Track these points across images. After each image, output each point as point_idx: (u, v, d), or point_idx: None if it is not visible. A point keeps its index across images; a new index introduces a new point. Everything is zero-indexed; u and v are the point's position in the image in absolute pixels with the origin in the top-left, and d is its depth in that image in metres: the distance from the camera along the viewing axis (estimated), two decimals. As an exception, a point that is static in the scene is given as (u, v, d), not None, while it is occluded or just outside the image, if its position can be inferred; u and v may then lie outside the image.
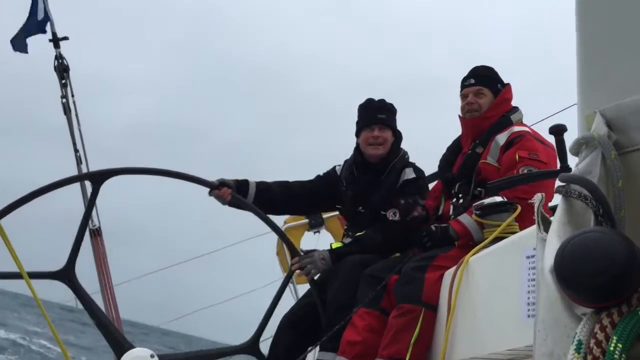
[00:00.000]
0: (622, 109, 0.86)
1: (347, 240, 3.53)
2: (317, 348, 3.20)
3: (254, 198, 3.55)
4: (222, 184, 3.46)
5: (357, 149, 3.66)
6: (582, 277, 0.71)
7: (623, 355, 0.66)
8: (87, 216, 3.24)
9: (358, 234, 3.47)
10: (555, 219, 0.85)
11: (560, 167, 2.38)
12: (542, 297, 0.80)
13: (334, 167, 3.79)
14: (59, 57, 4.80)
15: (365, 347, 2.93)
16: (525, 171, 2.88)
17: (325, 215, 5.27)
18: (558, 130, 2.58)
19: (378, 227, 3.42)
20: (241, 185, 3.55)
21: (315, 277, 3.47)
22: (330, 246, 3.49)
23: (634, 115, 0.84)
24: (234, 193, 3.45)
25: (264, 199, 3.58)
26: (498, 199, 2.77)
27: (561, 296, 0.76)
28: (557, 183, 0.92)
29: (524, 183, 2.83)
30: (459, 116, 3.32)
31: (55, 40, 4.83)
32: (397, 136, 3.65)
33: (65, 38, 4.88)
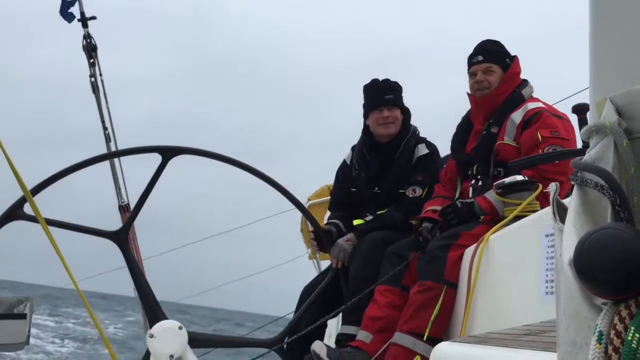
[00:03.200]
0: (631, 95, 0.88)
1: (369, 218, 3.55)
2: (340, 322, 3.27)
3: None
4: (329, 232, 3.52)
5: (366, 131, 3.63)
6: (600, 272, 0.74)
7: None
8: (150, 187, 3.23)
9: (379, 212, 3.50)
10: (571, 209, 0.86)
11: (582, 145, 2.39)
12: (562, 288, 0.83)
13: (343, 160, 3.78)
14: (87, 37, 4.87)
15: (387, 322, 2.99)
16: (551, 150, 2.86)
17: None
18: (581, 109, 2.59)
19: (400, 205, 3.44)
20: (338, 228, 3.58)
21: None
22: (352, 224, 3.54)
23: None
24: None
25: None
26: (519, 177, 2.78)
27: (580, 288, 0.79)
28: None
29: (545, 162, 2.83)
30: (468, 94, 3.25)
31: (84, 20, 4.90)
32: (406, 113, 3.62)
33: (93, 17, 4.95)
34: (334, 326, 3.82)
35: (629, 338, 0.70)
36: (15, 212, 3.02)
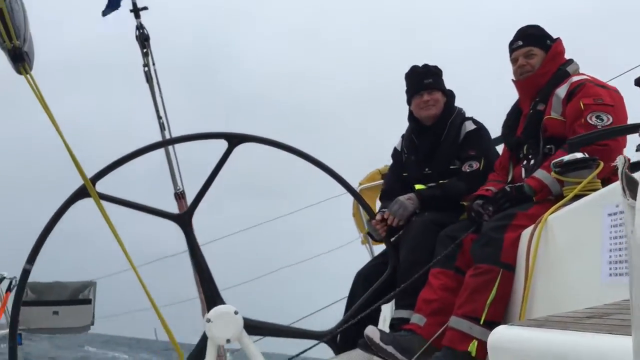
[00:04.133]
0: None
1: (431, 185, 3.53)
2: (393, 307, 3.25)
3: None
4: (383, 219, 3.48)
5: (411, 116, 3.71)
6: None
7: None
8: (215, 172, 3.27)
9: (441, 181, 3.49)
10: None
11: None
12: (637, 267, 0.79)
13: (394, 148, 3.85)
14: (139, 27, 4.98)
15: (441, 305, 2.95)
16: (594, 118, 2.79)
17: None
18: (645, 82, 2.45)
19: (461, 176, 3.45)
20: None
21: (392, 239, 3.50)
22: (414, 187, 3.54)
23: None
24: (387, 236, 3.48)
25: None
26: (579, 155, 2.67)
27: None
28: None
29: (605, 138, 2.71)
30: (513, 80, 3.25)
31: (136, 11, 5.00)
32: (449, 95, 3.67)
33: (145, 8, 5.04)
34: (388, 311, 3.80)
35: None
36: (79, 196, 3.10)
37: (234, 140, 3.25)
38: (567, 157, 2.70)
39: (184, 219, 3.24)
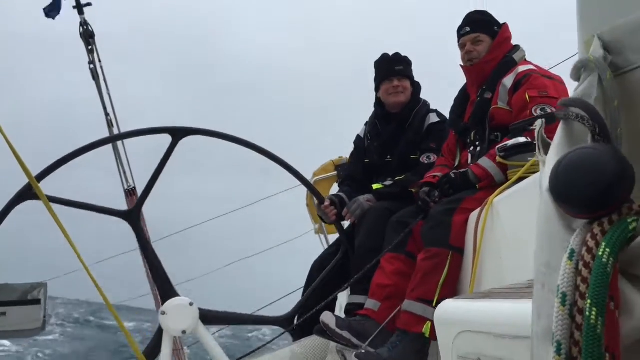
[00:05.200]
0: (617, 30, 0.88)
1: (388, 183, 3.59)
2: (348, 292, 3.30)
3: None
4: (332, 203, 3.57)
5: (378, 103, 3.75)
6: (575, 189, 0.75)
7: (611, 259, 0.71)
8: (160, 167, 3.28)
9: (398, 177, 3.55)
10: (555, 142, 0.88)
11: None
12: (542, 214, 0.84)
13: (357, 135, 3.89)
14: (83, 24, 4.88)
15: (395, 289, 3.01)
16: (539, 110, 2.87)
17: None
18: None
19: (416, 171, 3.51)
20: (341, 200, 3.63)
21: (345, 226, 3.55)
22: (372, 187, 3.59)
23: (628, 36, 0.86)
24: (337, 220, 3.56)
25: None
26: (522, 139, 2.76)
27: (557, 211, 0.80)
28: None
29: (546, 124, 2.81)
30: (461, 66, 3.31)
31: (79, 7, 4.90)
32: (416, 86, 3.73)
33: (89, 4, 4.94)
34: (344, 298, 3.84)
35: (600, 253, 0.71)
36: (23, 197, 3.04)
37: (178, 134, 3.24)
38: (510, 142, 2.79)
39: (131, 216, 3.22)
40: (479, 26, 3.24)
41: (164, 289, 3.11)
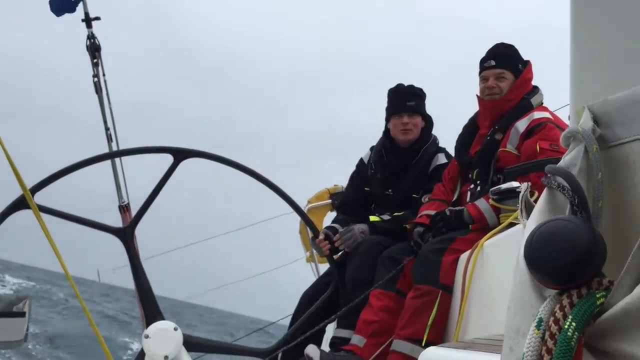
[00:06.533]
0: (607, 104, 0.90)
1: (386, 217, 3.54)
2: (335, 325, 3.28)
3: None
4: (327, 237, 3.51)
5: (387, 134, 3.66)
6: (547, 260, 0.76)
7: (576, 333, 0.72)
8: (159, 187, 3.25)
9: (396, 213, 3.49)
10: (536, 208, 0.89)
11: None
12: (516, 279, 0.85)
13: (360, 159, 3.81)
14: (90, 37, 4.90)
15: (382, 326, 3.00)
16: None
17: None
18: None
19: (416, 210, 3.42)
20: (336, 234, 3.56)
21: (336, 257, 3.54)
22: (369, 219, 3.53)
23: (617, 111, 0.88)
24: (330, 254, 3.51)
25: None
26: (515, 184, 2.78)
27: (530, 279, 0.82)
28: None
29: (541, 170, 2.82)
30: (477, 96, 3.24)
31: (88, 20, 4.92)
32: (428, 121, 3.64)
33: (97, 18, 4.97)
34: (331, 332, 3.82)
35: (566, 326, 0.72)
36: (17, 207, 3.02)
37: (180, 155, 3.24)
38: (504, 186, 2.80)
39: (125, 233, 3.20)
40: (505, 62, 3.15)
41: (151, 311, 3.08)
